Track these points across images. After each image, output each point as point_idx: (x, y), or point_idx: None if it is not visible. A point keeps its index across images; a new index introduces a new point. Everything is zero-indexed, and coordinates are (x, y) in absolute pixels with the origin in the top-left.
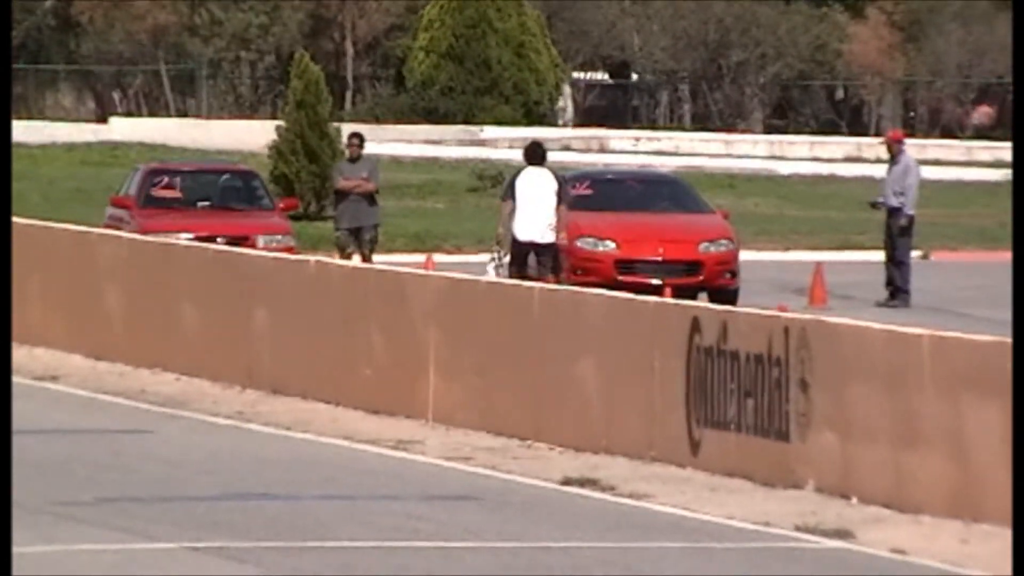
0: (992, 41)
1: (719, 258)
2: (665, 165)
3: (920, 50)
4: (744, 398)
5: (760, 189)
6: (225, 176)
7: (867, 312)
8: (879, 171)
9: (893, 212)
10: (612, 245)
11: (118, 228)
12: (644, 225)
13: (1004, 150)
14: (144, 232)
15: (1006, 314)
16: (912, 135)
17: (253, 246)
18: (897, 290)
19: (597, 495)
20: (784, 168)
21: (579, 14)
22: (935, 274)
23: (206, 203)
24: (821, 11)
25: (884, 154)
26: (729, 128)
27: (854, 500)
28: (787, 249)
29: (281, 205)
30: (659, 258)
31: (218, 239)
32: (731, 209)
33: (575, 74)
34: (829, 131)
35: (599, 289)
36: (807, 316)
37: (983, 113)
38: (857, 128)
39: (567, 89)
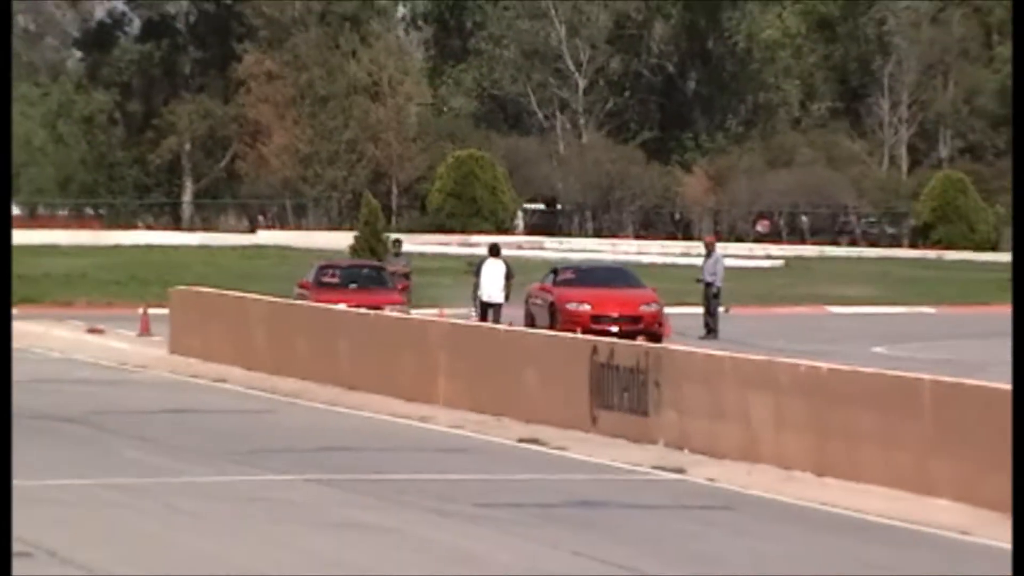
0: (766, 187)
1: (652, 314)
2: (576, 257)
3: (725, 191)
4: (623, 392)
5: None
6: (365, 269)
7: (693, 343)
8: (699, 261)
9: (708, 284)
10: (588, 307)
11: (303, 300)
12: (607, 295)
13: (774, 247)
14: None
15: (773, 343)
16: (719, 239)
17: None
18: (711, 331)
19: (538, 448)
20: (646, 259)
21: (528, 171)
22: (732, 321)
23: (354, 284)
24: (667, 168)
25: (703, 251)
26: (614, 235)
27: (686, 451)
28: None
29: (400, 287)
30: (616, 314)
31: (361, 308)
32: None
33: (525, 204)
34: (672, 237)
35: (540, 330)
36: (659, 345)
37: (764, 224)
38: (688, 235)
39: (520, 213)
